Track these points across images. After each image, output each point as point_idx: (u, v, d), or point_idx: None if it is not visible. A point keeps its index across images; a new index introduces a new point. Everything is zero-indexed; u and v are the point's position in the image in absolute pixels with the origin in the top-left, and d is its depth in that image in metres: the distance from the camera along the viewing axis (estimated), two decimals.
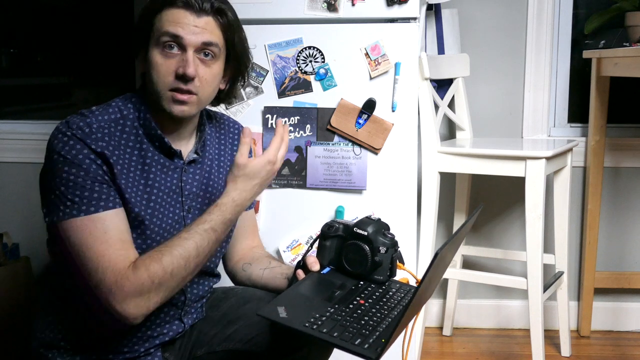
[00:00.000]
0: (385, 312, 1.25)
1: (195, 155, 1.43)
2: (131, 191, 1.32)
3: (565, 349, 2.47)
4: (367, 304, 1.26)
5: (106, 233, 1.25)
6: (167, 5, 1.34)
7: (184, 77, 1.31)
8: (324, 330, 1.14)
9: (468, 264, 2.70)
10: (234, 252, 1.60)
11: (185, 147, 1.43)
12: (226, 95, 1.48)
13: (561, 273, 2.43)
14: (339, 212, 2.01)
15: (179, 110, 1.34)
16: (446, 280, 2.62)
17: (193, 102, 1.34)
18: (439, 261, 1.11)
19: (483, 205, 1.39)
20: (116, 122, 1.34)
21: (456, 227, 2.59)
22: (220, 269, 1.58)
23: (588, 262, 2.58)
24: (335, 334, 1.14)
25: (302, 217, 2.02)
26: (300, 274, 1.38)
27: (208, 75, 1.35)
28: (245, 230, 1.60)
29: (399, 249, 1.37)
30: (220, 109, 1.60)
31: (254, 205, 1.64)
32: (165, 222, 1.38)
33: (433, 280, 1.23)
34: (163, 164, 1.38)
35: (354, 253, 1.34)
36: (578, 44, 2.71)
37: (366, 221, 1.35)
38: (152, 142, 1.36)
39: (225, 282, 1.60)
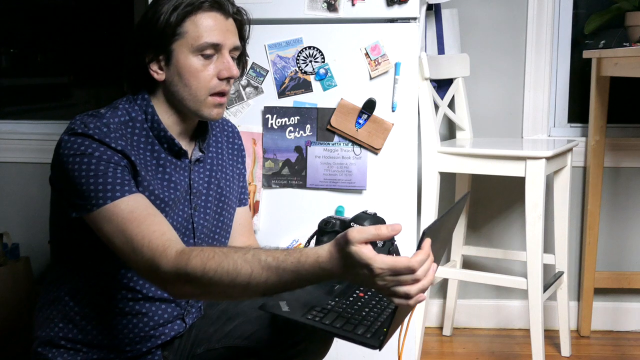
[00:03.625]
0: (385, 303, 1.29)
1: (200, 154, 1.45)
2: (153, 188, 1.33)
3: (565, 349, 2.47)
4: (366, 297, 1.30)
5: (133, 212, 1.22)
6: (197, 9, 1.32)
7: (229, 79, 1.35)
8: (327, 322, 1.18)
9: (468, 264, 2.70)
10: None
11: (189, 146, 1.45)
12: None
13: (561, 273, 2.43)
14: (339, 212, 2.01)
15: (218, 113, 1.37)
16: (446, 280, 2.62)
17: (225, 103, 1.38)
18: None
19: (469, 192, 1.39)
20: (126, 124, 1.34)
21: (456, 227, 2.58)
22: None
23: (588, 262, 2.58)
24: (338, 325, 1.17)
25: (302, 217, 2.01)
26: None
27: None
28: (242, 227, 1.62)
29: (395, 243, 1.37)
30: None
31: (247, 202, 1.65)
32: (176, 220, 1.39)
33: None
34: (175, 164, 1.40)
35: None
36: (578, 44, 2.71)
37: (362, 216, 1.36)
38: (161, 144, 1.38)
39: None
